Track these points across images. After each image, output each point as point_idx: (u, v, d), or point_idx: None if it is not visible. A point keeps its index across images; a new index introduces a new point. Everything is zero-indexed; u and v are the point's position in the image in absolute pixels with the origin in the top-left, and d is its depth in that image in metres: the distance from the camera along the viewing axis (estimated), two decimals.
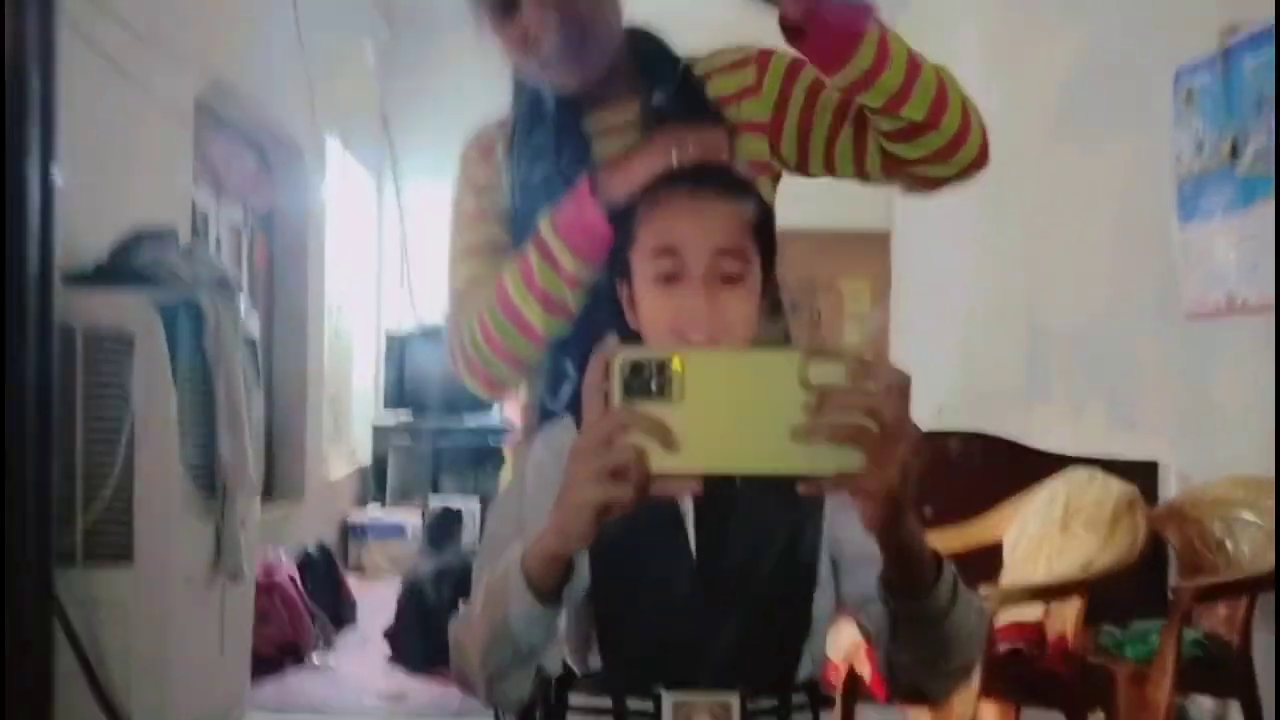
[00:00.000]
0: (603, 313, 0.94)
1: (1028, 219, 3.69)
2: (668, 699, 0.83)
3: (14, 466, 0.33)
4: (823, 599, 0.88)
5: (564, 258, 0.98)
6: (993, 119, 1.04)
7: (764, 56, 1.09)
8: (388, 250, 5.35)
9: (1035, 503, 2.38)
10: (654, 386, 0.63)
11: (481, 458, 5.04)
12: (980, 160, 1.02)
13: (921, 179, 1.04)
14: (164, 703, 2.08)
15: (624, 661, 0.85)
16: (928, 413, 4.23)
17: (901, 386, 0.65)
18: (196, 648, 2.25)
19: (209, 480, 2.29)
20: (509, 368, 1.05)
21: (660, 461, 0.63)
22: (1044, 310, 3.60)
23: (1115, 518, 2.25)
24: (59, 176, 0.33)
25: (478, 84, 4.84)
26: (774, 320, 0.97)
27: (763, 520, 0.85)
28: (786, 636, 0.86)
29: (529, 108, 1.10)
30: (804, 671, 0.87)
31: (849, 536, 0.84)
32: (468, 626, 0.80)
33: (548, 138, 1.08)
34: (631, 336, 0.88)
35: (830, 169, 1.09)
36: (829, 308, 4.91)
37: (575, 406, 0.84)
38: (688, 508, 0.86)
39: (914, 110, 0.96)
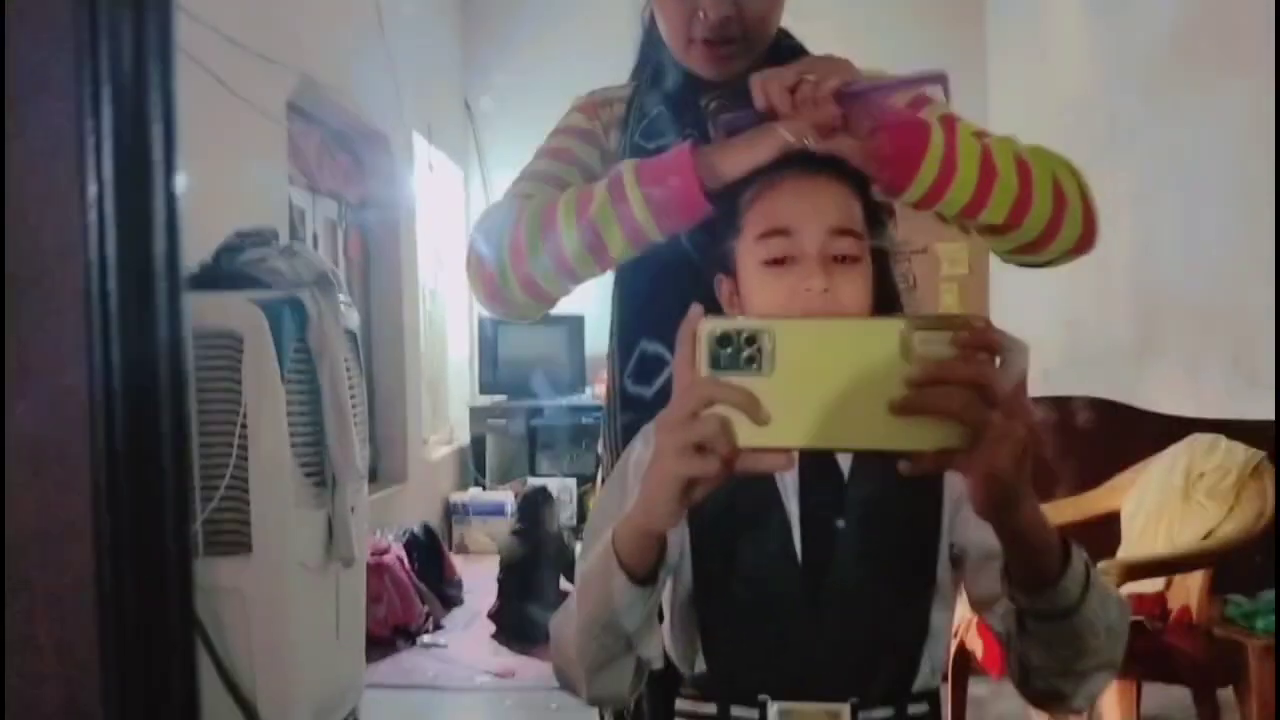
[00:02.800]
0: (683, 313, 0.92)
1: (1134, 171, 3.50)
2: (773, 708, 0.80)
3: (156, 467, 0.34)
4: (941, 603, 0.83)
5: (635, 203, 0.92)
6: (1097, 70, 0.98)
7: (920, 102, 1.08)
8: None
9: (1154, 471, 2.28)
10: (743, 357, 0.60)
11: (576, 436, 5.10)
12: (1083, 245, 0.97)
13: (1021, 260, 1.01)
14: (286, 685, 2.18)
15: (729, 667, 0.83)
16: (1033, 377, 4.08)
17: (1016, 357, 0.59)
18: (314, 631, 2.34)
19: (319, 469, 2.37)
20: (519, 285, 0.99)
21: (749, 436, 0.59)
22: (1153, 266, 3.42)
23: (1240, 484, 2.14)
24: (181, 185, 0.35)
25: (558, 73, 4.85)
26: (887, 302, 0.94)
27: (874, 522, 0.81)
28: (902, 643, 0.82)
29: (651, 81, 1.10)
30: (921, 680, 0.83)
31: (972, 534, 0.80)
32: (566, 618, 0.79)
33: (668, 113, 1.07)
34: None
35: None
36: (924, 272, 4.77)
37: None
38: (793, 508, 0.83)
39: (992, 215, 0.91)
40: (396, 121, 4.18)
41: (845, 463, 0.84)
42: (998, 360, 0.59)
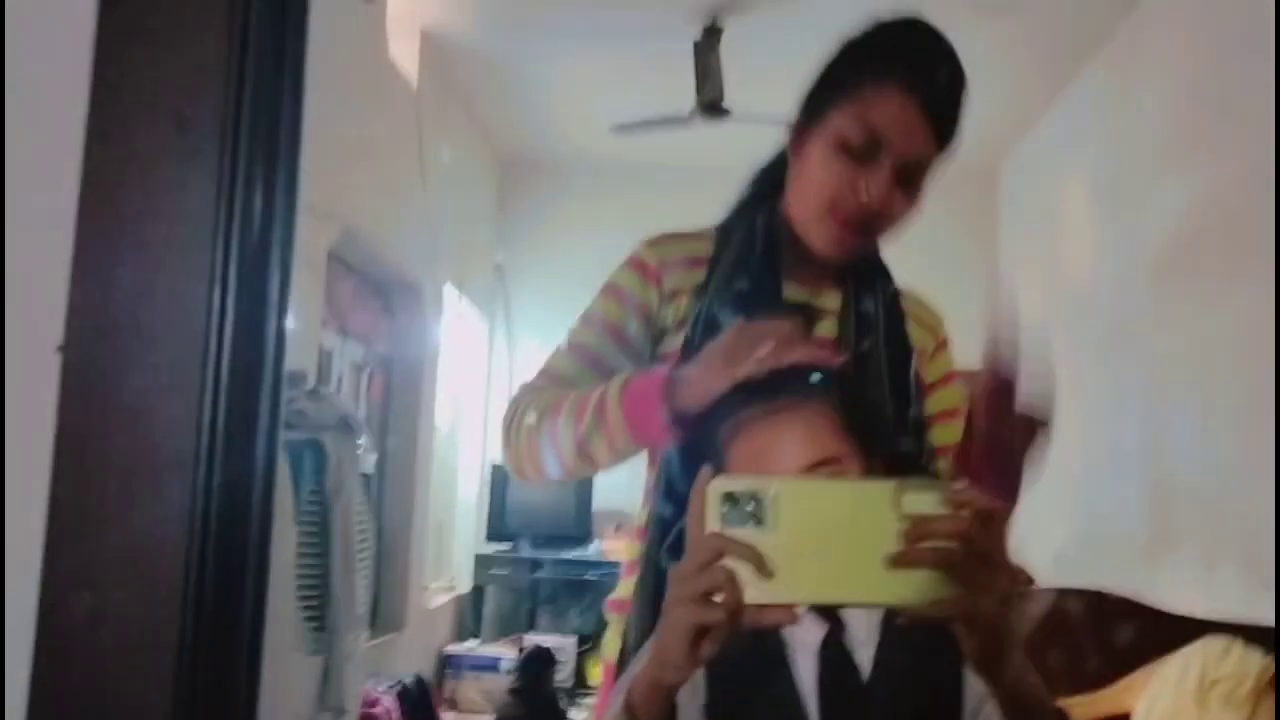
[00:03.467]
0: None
1: (1144, 365, 3.58)
2: None
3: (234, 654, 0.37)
4: None
5: (615, 425, 0.99)
6: (1106, 267, 1.06)
7: (945, 344, 1.20)
8: (495, 388, 5.53)
9: (1167, 673, 2.23)
10: (749, 515, 0.65)
11: (579, 591, 5.01)
12: None
13: None
14: None
15: None
16: (1044, 563, 4.02)
17: (997, 515, 0.65)
18: None
19: (320, 615, 2.36)
20: (534, 473, 1.09)
21: (756, 591, 0.64)
22: (1166, 461, 3.44)
23: (1258, 694, 2.08)
24: (290, 324, 0.40)
25: (588, 233, 5.04)
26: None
27: (895, 708, 0.82)
28: None
29: (739, 248, 1.10)
30: None
31: None
32: None
33: (749, 289, 1.07)
34: None
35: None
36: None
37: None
38: (811, 689, 0.84)
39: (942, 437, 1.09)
40: (429, 274, 4.35)
41: (865, 659, 0.85)
42: (981, 517, 0.64)
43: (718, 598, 0.64)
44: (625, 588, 1.15)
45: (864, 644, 0.85)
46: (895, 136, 1.01)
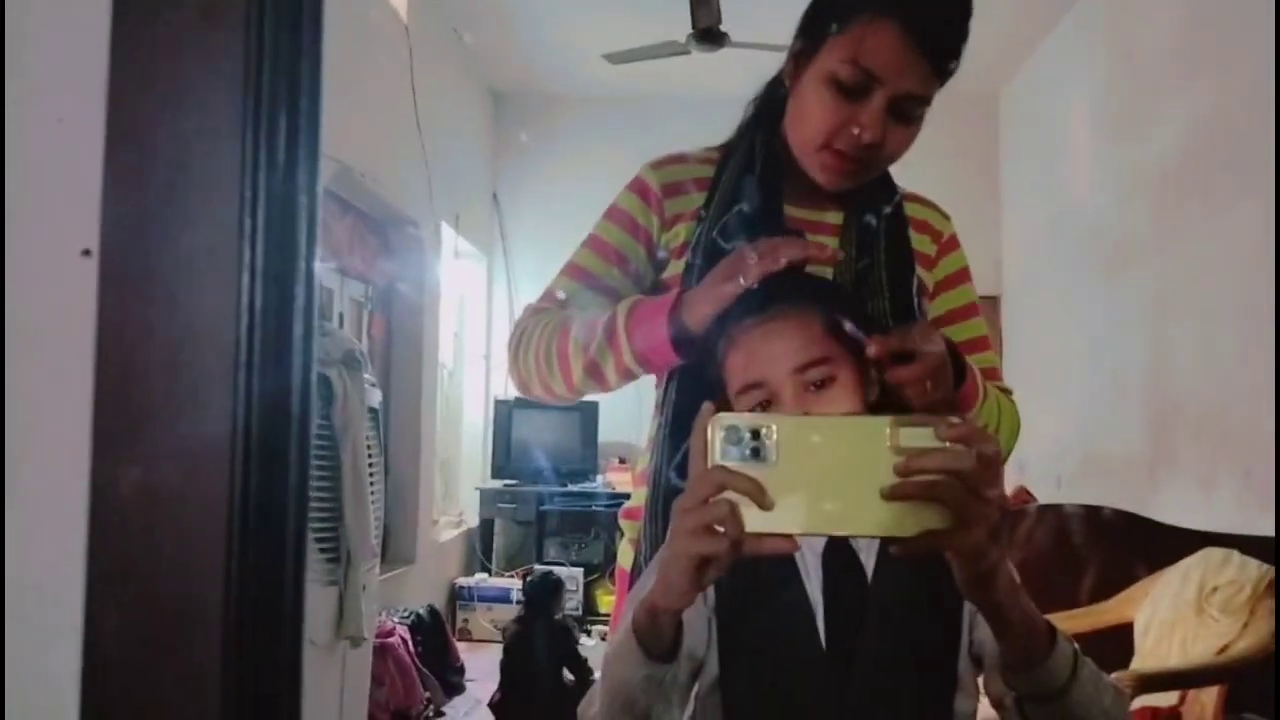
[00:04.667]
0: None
1: (1147, 287, 3.58)
2: None
3: (280, 523, 0.38)
4: (963, 700, 0.86)
5: (624, 348, 1.01)
6: (1111, 184, 1.06)
7: (951, 244, 1.17)
8: (497, 322, 5.54)
9: (1167, 583, 2.28)
10: (749, 450, 0.67)
11: (585, 523, 5.09)
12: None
13: None
14: None
15: None
16: (1047, 484, 4.08)
17: (990, 448, 0.67)
18: (317, 710, 2.32)
19: (334, 546, 2.39)
20: (541, 390, 1.11)
21: (755, 521, 0.66)
22: (1167, 379, 3.46)
23: (1255, 601, 2.13)
24: (317, 269, 0.40)
25: (584, 166, 4.99)
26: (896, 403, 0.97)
27: (896, 617, 0.85)
28: None
29: (739, 170, 1.10)
30: None
31: (989, 633, 0.83)
32: (590, 703, 0.82)
33: (750, 211, 1.07)
34: None
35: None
36: None
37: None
38: (818, 602, 0.86)
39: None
40: (426, 210, 4.32)
41: (869, 560, 0.87)
42: (974, 452, 0.66)
43: (719, 528, 0.66)
44: (638, 497, 1.16)
45: (867, 547, 0.87)
46: (889, 75, 0.99)
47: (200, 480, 0.37)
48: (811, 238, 1.08)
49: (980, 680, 0.88)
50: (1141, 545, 2.58)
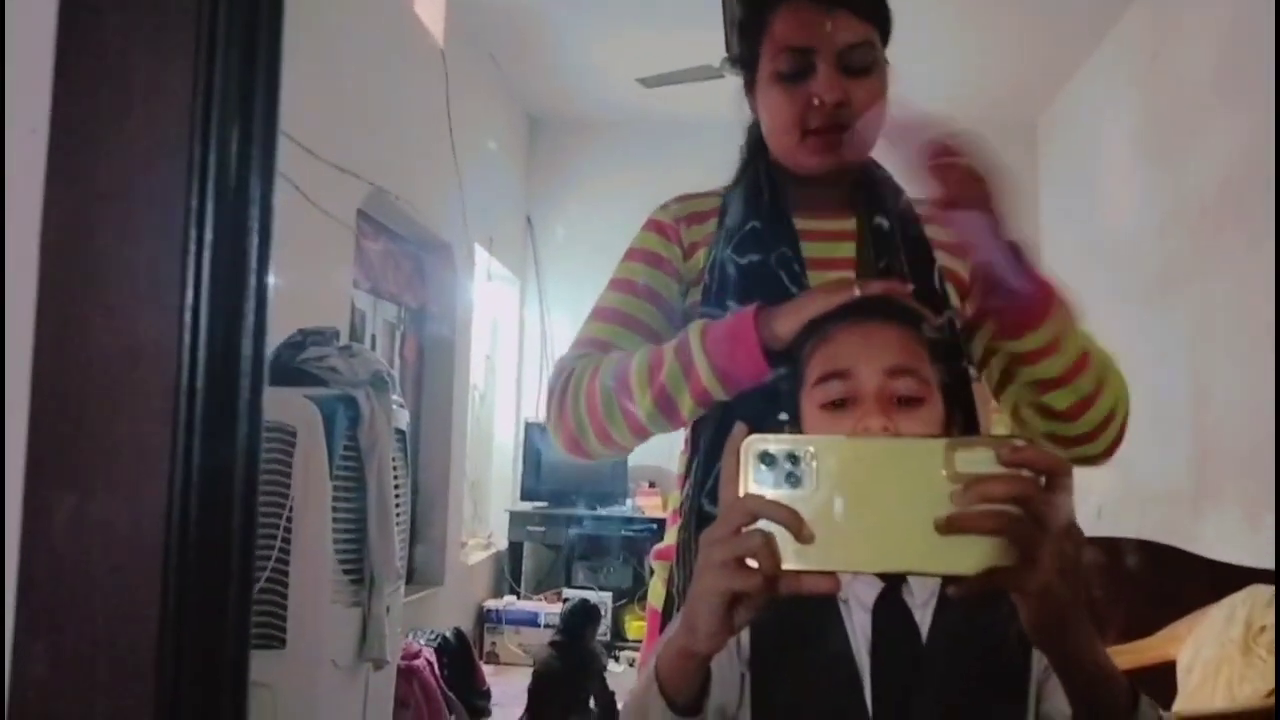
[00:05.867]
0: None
1: (1189, 314, 3.49)
2: None
3: (225, 562, 0.36)
4: None
5: (702, 370, 0.96)
6: (1150, 212, 1.02)
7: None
8: (528, 344, 5.55)
9: (1212, 621, 2.19)
10: (786, 475, 0.60)
11: (615, 548, 5.05)
12: (1099, 457, 1.03)
13: (1040, 435, 1.05)
14: None
15: None
16: (1087, 515, 3.97)
17: (1060, 474, 0.59)
18: None
19: (358, 567, 2.38)
20: (596, 439, 1.04)
21: (794, 557, 0.59)
22: (1209, 410, 3.36)
23: None
24: (272, 285, 0.38)
25: (618, 190, 4.99)
26: None
27: (955, 688, 0.77)
28: None
29: (747, 194, 1.12)
30: None
31: (1061, 704, 0.74)
32: None
33: (760, 228, 1.08)
34: None
35: (982, 364, 1.08)
36: (976, 400, 4.73)
37: None
38: (864, 664, 0.79)
39: (1059, 400, 0.97)
40: (460, 232, 4.35)
41: (925, 618, 0.80)
42: (1042, 479, 0.58)
43: (752, 563, 0.59)
44: (671, 535, 1.13)
45: (923, 604, 0.80)
46: (819, 41, 1.03)
47: (139, 511, 0.35)
48: (826, 246, 1.08)
49: None
50: (1185, 580, 2.49)
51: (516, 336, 5.54)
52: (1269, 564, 2.46)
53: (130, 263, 0.35)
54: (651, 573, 1.19)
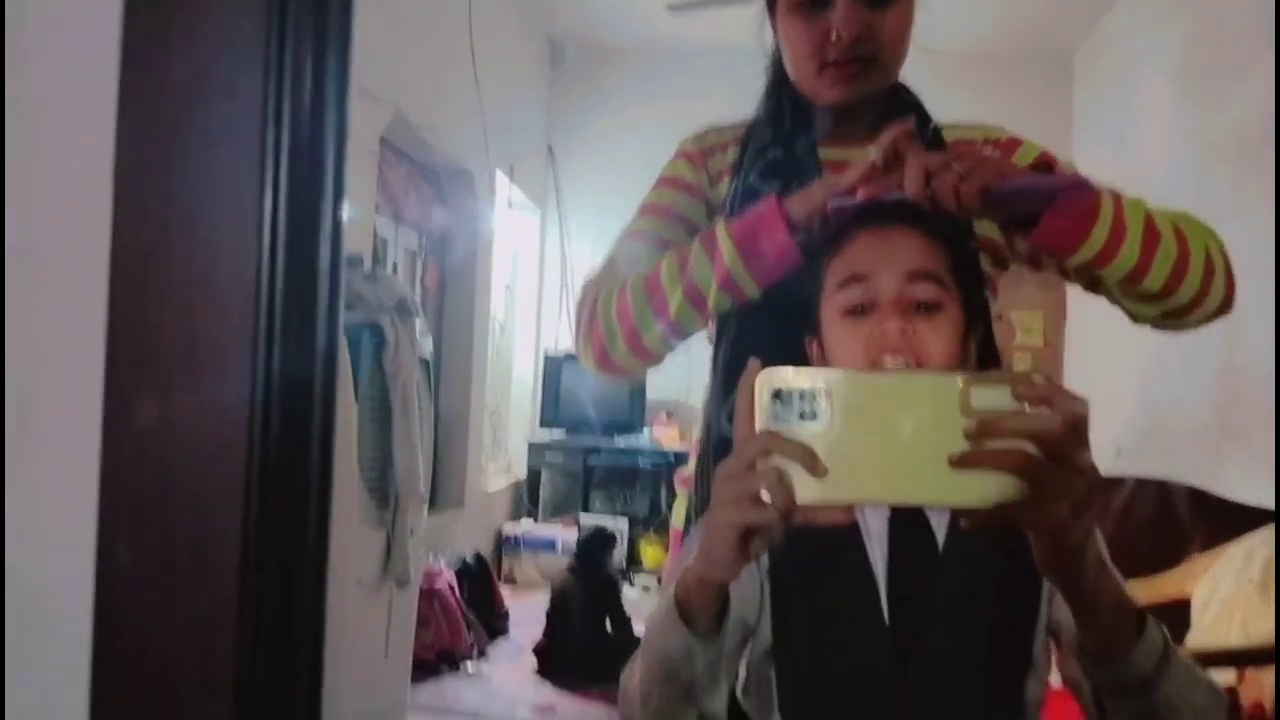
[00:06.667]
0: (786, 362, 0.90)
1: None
2: None
3: (304, 458, 0.37)
4: (1035, 678, 0.80)
5: (728, 255, 0.96)
6: (1186, 149, 0.99)
7: (1012, 145, 1.08)
8: (549, 275, 5.53)
9: (1230, 560, 2.20)
10: (801, 410, 0.60)
11: (631, 478, 5.11)
12: (1222, 310, 0.98)
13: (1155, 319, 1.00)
14: (333, 698, 2.21)
15: None
16: (1106, 455, 3.98)
17: (1076, 411, 0.58)
18: (364, 648, 2.38)
19: (383, 490, 2.43)
20: (626, 345, 1.03)
21: (806, 490, 0.59)
22: (1239, 352, 3.33)
23: None
24: (345, 213, 0.38)
25: (638, 118, 4.91)
26: (985, 364, 0.91)
27: (968, 592, 0.79)
28: (992, 713, 0.79)
29: (769, 123, 1.11)
30: None
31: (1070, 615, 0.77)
32: (633, 668, 0.78)
33: (783, 156, 1.08)
34: None
35: (1062, 274, 1.03)
36: (998, 339, 4.71)
37: None
38: (881, 573, 0.81)
39: (1152, 283, 0.91)
40: (481, 160, 4.30)
41: (941, 526, 0.82)
42: (1059, 417, 0.58)
43: (766, 498, 0.60)
44: (693, 464, 1.14)
45: (939, 516, 0.81)
46: None
47: (219, 414, 0.35)
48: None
49: (1055, 660, 0.82)
50: (1204, 521, 2.49)
51: (537, 267, 5.52)
52: None
53: (208, 169, 0.35)
54: (674, 497, 1.21)
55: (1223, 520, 2.42)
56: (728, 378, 1.05)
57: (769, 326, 0.98)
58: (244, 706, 0.40)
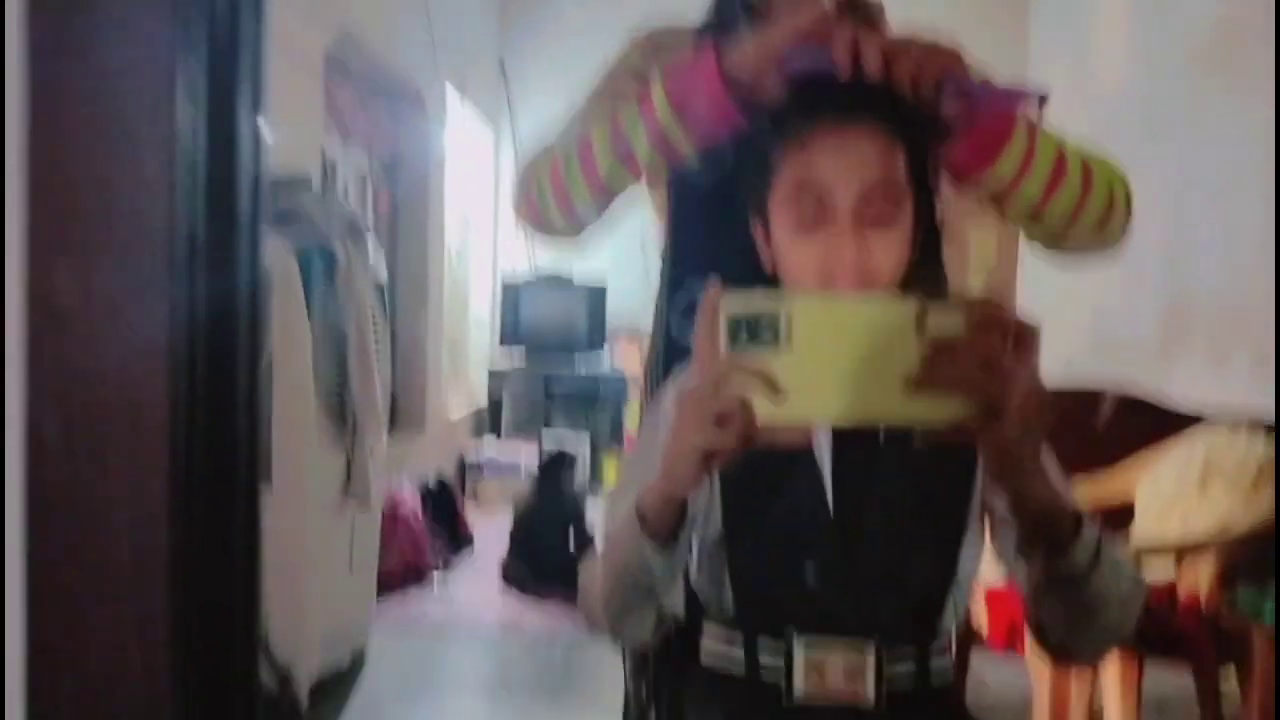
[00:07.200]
0: (735, 258, 0.87)
1: (1170, 166, 3.46)
2: (799, 645, 0.81)
3: (232, 331, 0.36)
4: (969, 550, 0.85)
5: (662, 112, 0.90)
6: (1140, 57, 0.99)
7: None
8: (504, 198, 5.44)
9: (1171, 459, 2.27)
10: (761, 334, 0.61)
11: (591, 401, 5.12)
12: (1113, 244, 1.01)
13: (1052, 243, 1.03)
14: (299, 617, 2.23)
15: (756, 606, 0.84)
16: (1056, 365, 4.06)
17: (1026, 335, 0.61)
18: (328, 567, 2.39)
19: (341, 412, 2.41)
20: (557, 206, 1.02)
21: (767, 411, 0.61)
22: (1183, 260, 3.39)
23: (1259, 479, 2.13)
24: (265, 129, 0.37)
25: (592, 33, 4.80)
26: (929, 268, 0.91)
27: (905, 471, 0.82)
28: (929, 586, 0.83)
29: (719, 17, 1.10)
30: (946, 622, 0.85)
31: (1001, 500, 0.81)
32: (592, 569, 0.82)
33: None
34: (767, 280, 0.84)
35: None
36: (953, 259, 4.73)
37: None
38: (824, 454, 0.83)
39: (1052, 214, 0.94)
40: (431, 78, 4.18)
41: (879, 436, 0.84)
42: (1010, 339, 0.60)
43: (728, 421, 0.62)
44: (645, 362, 1.15)
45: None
46: None
47: (141, 281, 0.34)
48: None
49: (987, 531, 0.87)
50: (1151, 427, 2.56)
51: (492, 189, 5.42)
52: (1231, 407, 2.54)
53: (118, 71, 0.33)
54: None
55: (1168, 426, 2.49)
56: (675, 274, 1.05)
57: (716, 217, 0.96)
58: (178, 592, 0.39)
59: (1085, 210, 0.95)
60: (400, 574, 3.29)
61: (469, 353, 5.29)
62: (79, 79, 0.36)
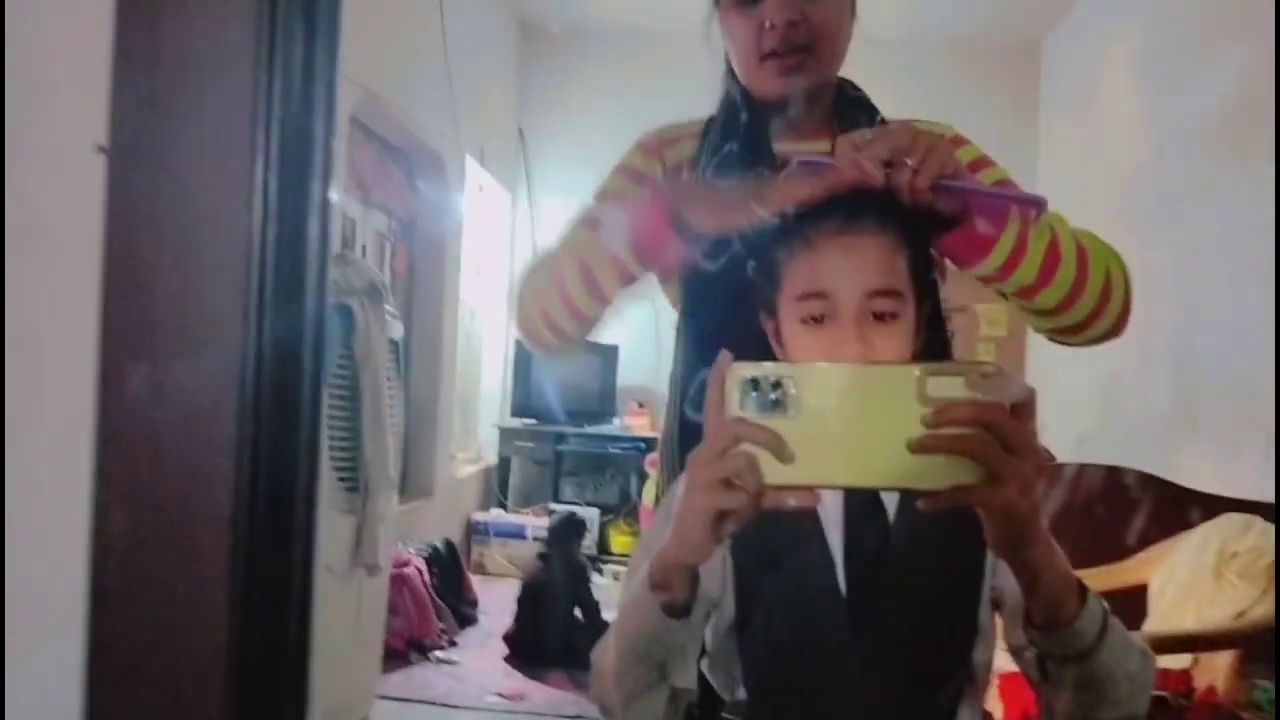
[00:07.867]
0: (748, 340, 0.90)
1: (1180, 244, 3.49)
2: None
3: (294, 419, 0.37)
4: (982, 645, 0.85)
5: (615, 237, 0.96)
6: (1149, 139, 1.00)
7: (956, 142, 1.10)
8: (519, 261, 5.50)
9: (1186, 547, 2.26)
10: (769, 400, 0.64)
11: (602, 465, 5.11)
12: (1114, 333, 1.02)
13: (1049, 332, 1.05)
14: None
15: (769, 696, 0.84)
16: (1067, 443, 4.05)
17: (1024, 399, 0.63)
18: (334, 635, 2.37)
19: (352, 475, 2.41)
20: (543, 325, 1.06)
21: (775, 474, 0.64)
22: (1195, 340, 3.40)
23: (1274, 568, 2.11)
24: (335, 195, 0.38)
25: (610, 103, 4.89)
26: (935, 349, 0.94)
27: (918, 561, 0.83)
28: (944, 686, 0.84)
29: (724, 118, 1.13)
30: (963, 716, 0.84)
31: (1011, 579, 0.81)
32: (606, 647, 0.82)
33: (738, 150, 1.09)
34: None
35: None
36: (963, 331, 4.76)
37: None
38: (837, 544, 0.85)
39: (1046, 300, 0.96)
40: (451, 142, 4.26)
41: (890, 503, 0.86)
42: (1007, 404, 0.63)
43: (738, 482, 0.64)
44: (661, 443, 1.17)
45: (890, 494, 0.85)
46: None
47: (211, 379, 0.35)
48: None
49: (1000, 628, 0.87)
50: (1162, 508, 2.55)
51: (508, 252, 5.49)
52: (1245, 494, 2.53)
53: (200, 143, 0.35)
54: (645, 479, 1.23)
55: (1180, 508, 2.48)
56: (688, 364, 1.08)
57: (731, 309, 0.99)
58: (234, 679, 0.40)
59: (1083, 296, 0.97)
60: (404, 645, 3.26)
61: (480, 411, 5.30)
62: (158, 181, 0.38)
